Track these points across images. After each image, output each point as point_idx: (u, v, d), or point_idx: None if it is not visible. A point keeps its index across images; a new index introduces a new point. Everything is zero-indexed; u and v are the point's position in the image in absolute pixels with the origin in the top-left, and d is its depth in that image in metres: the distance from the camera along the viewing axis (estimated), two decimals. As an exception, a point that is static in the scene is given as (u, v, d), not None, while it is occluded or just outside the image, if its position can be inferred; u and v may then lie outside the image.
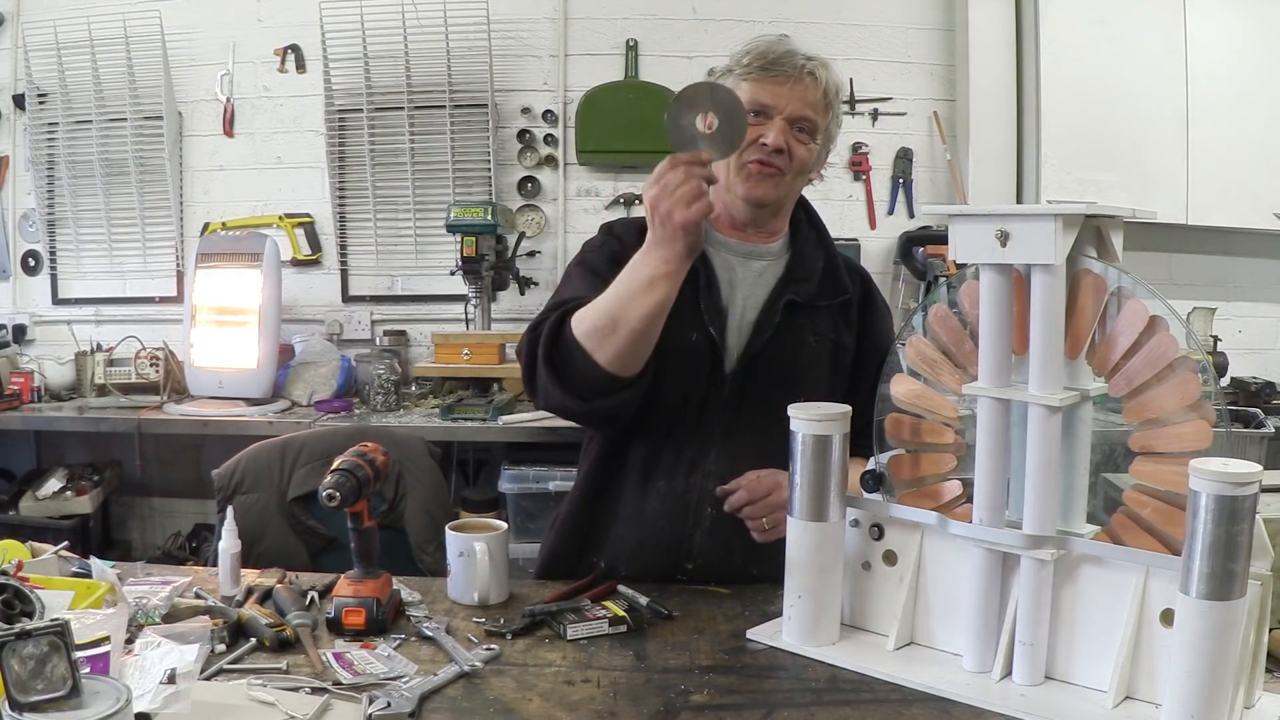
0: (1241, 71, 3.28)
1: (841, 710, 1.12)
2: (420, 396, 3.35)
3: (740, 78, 1.52)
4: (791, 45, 1.54)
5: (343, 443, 1.56)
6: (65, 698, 0.87)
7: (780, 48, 1.52)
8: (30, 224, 3.74)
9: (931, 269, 3.33)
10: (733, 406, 1.55)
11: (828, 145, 1.60)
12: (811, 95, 1.52)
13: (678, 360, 1.51)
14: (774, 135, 1.49)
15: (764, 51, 1.52)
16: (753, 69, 1.51)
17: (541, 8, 3.62)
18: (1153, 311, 1.11)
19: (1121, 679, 1.11)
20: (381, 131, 3.60)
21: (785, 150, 1.51)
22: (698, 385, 1.54)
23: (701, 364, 1.54)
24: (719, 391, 1.55)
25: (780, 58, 1.51)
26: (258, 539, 1.93)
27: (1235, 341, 3.49)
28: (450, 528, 1.48)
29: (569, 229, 3.65)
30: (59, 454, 3.64)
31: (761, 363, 1.55)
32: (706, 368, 1.54)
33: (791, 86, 1.50)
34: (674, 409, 1.54)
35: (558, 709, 1.12)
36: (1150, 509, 1.13)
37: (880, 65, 3.62)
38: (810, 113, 1.52)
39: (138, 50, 3.56)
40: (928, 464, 1.30)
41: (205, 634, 1.21)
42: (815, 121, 1.53)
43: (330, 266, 3.70)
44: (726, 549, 1.54)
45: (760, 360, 1.55)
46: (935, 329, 1.29)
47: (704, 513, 1.54)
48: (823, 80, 1.52)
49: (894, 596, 1.30)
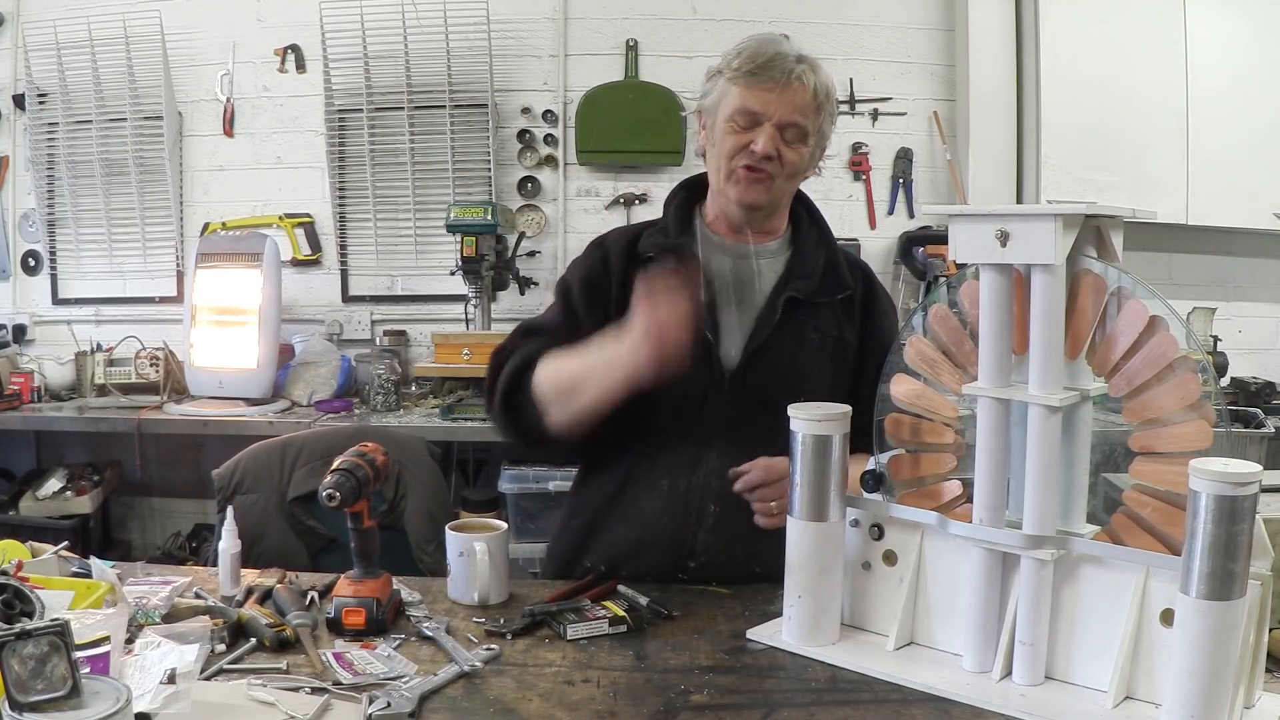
0: (1241, 71, 3.28)
1: (841, 710, 1.12)
2: (420, 396, 3.35)
3: (730, 81, 1.52)
4: (782, 46, 1.52)
5: (343, 443, 1.55)
6: (65, 698, 0.87)
7: (769, 49, 1.51)
8: (30, 224, 3.74)
9: (931, 269, 3.33)
10: (734, 404, 1.55)
11: (821, 144, 1.59)
12: (800, 100, 1.50)
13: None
14: (762, 143, 1.49)
15: (753, 54, 1.51)
16: (741, 73, 1.50)
17: (541, 8, 3.62)
18: (1153, 311, 1.11)
19: (1121, 679, 1.11)
20: (381, 131, 3.60)
21: (775, 156, 1.51)
22: (696, 385, 1.54)
23: (697, 364, 1.52)
24: (719, 390, 1.55)
25: (769, 61, 1.49)
26: (258, 539, 1.93)
27: (1235, 341, 3.49)
28: (450, 528, 1.48)
29: (569, 229, 3.65)
30: (59, 454, 3.64)
31: (762, 360, 1.55)
32: (703, 367, 1.53)
33: (780, 92, 1.49)
34: (673, 409, 1.54)
35: (558, 709, 1.12)
36: (1150, 509, 1.12)
37: (880, 65, 3.62)
38: (799, 118, 1.51)
39: (138, 50, 3.55)
40: (928, 464, 1.30)
41: (205, 634, 1.21)
42: (804, 126, 1.52)
43: (330, 266, 3.70)
44: (729, 547, 1.54)
45: (761, 357, 1.55)
46: (935, 329, 1.29)
47: (707, 510, 1.54)
48: (810, 84, 1.51)
49: (894, 596, 1.30)
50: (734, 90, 1.51)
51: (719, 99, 1.54)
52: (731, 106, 1.51)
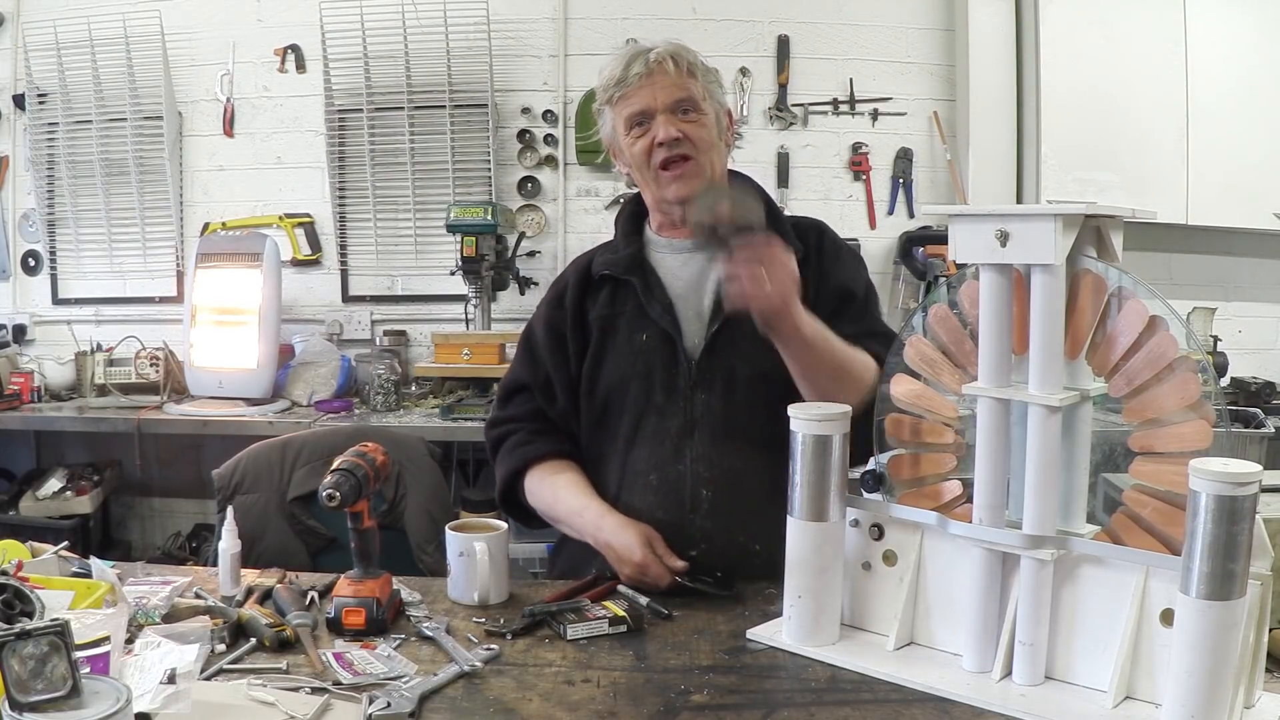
0: (1241, 71, 3.28)
1: (841, 710, 1.12)
2: (420, 396, 3.35)
3: (610, 103, 1.60)
4: (636, 46, 1.60)
5: (343, 443, 1.56)
6: (65, 698, 0.87)
7: (625, 57, 1.58)
8: (30, 224, 3.74)
9: (931, 269, 3.33)
10: (704, 388, 1.58)
11: (721, 109, 1.63)
12: (672, 78, 1.56)
13: (632, 362, 1.59)
14: (661, 130, 1.54)
15: (613, 70, 1.59)
16: (614, 88, 1.58)
17: (541, 8, 3.62)
18: (1153, 311, 1.11)
19: (1121, 679, 1.11)
20: (381, 131, 3.61)
21: (681, 136, 1.55)
22: (659, 376, 1.58)
23: (656, 357, 1.59)
24: (688, 380, 1.58)
25: (629, 64, 1.57)
26: (258, 539, 1.93)
27: (1235, 341, 3.48)
28: (450, 528, 1.48)
29: (569, 229, 3.65)
30: (59, 454, 3.64)
31: (722, 341, 1.58)
32: (668, 357, 1.58)
33: (650, 80, 1.56)
34: (646, 408, 1.59)
35: (558, 709, 1.12)
36: (1150, 509, 1.12)
37: (880, 65, 3.61)
38: (680, 93, 1.56)
39: (138, 50, 3.56)
40: (928, 464, 1.30)
41: (205, 634, 1.21)
42: (690, 97, 1.57)
43: (330, 266, 3.71)
44: (729, 528, 1.56)
45: (721, 339, 1.58)
46: (935, 329, 1.29)
47: (700, 496, 1.57)
48: (669, 62, 1.56)
49: (894, 596, 1.30)
50: (618, 107, 1.59)
51: (613, 124, 1.62)
52: (624, 118, 1.58)
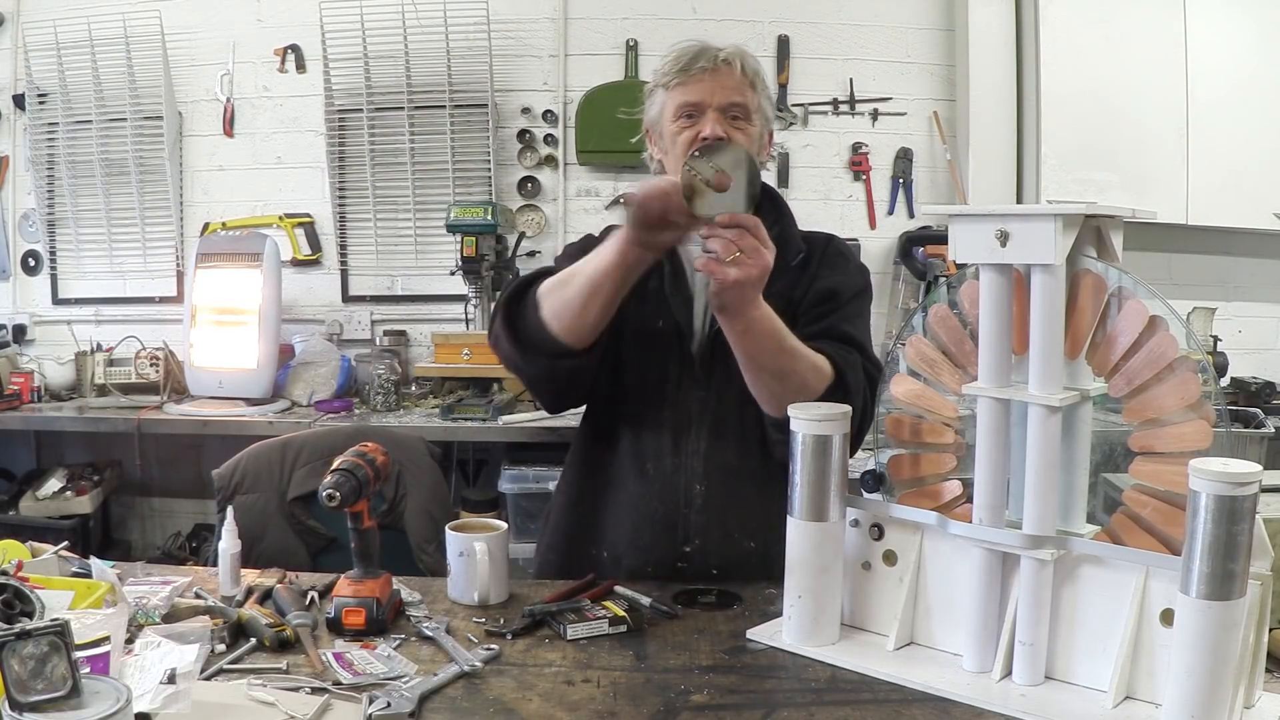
0: (1241, 71, 3.28)
1: (841, 710, 1.12)
2: (420, 396, 3.35)
3: (666, 88, 1.60)
4: (706, 43, 1.60)
5: (343, 443, 1.56)
6: (65, 698, 0.87)
7: (694, 48, 1.59)
8: (30, 224, 3.74)
9: (931, 269, 3.33)
10: (705, 384, 1.59)
11: (766, 127, 1.64)
12: (733, 80, 1.57)
13: (647, 345, 1.60)
14: (710, 126, 1.54)
15: (679, 56, 1.59)
16: (674, 75, 1.58)
17: (541, 8, 3.62)
18: (1153, 311, 1.11)
19: (1121, 679, 1.11)
20: (381, 131, 3.60)
21: (725, 137, 1.55)
22: (669, 368, 1.60)
23: (670, 347, 1.60)
24: (690, 371, 1.59)
25: (696, 55, 1.57)
26: (258, 539, 1.93)
27: (1235, 341, 3.48)
28: (450, 528, 1.48)
29: (569, 229, 3.64)
30: (59, 454, 3.64)
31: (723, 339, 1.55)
32: (675, 350, 1.60)
33: (713, 78, 1.56)
34: (651, 394, 1.60)
35: (558, 709, 1.12)
36: (1150, 509, 1.13)
37: (880, 65, 3.61)
38: (737, 97, 1.57)
39: (138, 50, 3.56)
40: (928, 464, 1.30)
41: (205, 634, 1.21)
42: (744, 104, 1.57)
43: (330, 266, 3.70)
44: (723, 523, 1.57)
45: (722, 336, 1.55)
46: (935, 329, 1.29)
47: (694, 490, 1.58)
48: (737, 64, 1.57)
49: (894, 596, 1.30)
50: (673, 93, 1.59)
51: (661, 107, 1.62)
52: (674, 105, 1.58)
